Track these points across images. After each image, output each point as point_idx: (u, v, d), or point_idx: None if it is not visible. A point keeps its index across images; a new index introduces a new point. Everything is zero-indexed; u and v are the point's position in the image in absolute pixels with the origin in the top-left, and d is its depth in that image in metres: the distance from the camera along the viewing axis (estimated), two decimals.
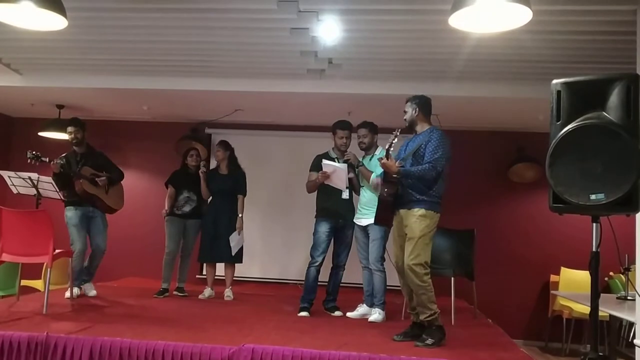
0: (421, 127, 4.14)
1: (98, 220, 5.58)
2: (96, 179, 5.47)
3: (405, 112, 4.18)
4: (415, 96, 4.19)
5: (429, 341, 3.83)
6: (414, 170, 3.95)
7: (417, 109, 4.12)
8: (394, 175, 3.97)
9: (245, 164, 6.34)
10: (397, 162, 4.01)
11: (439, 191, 3.98)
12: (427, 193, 3.94)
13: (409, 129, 4.22)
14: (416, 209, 3.93)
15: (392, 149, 4.01)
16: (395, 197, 4.03)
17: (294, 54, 5.18)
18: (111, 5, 4.31)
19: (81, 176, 5.37)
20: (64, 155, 5.57)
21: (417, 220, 3.91)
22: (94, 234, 5.57)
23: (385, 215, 4.14)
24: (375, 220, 4.34)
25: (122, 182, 5.84)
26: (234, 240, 5.82)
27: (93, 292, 5.62)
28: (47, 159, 5.24)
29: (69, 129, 5.58)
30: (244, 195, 5.97)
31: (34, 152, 5.23)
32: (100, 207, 5.57)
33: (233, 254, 5.83)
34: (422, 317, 3.93)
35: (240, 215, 5.88)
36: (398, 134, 4.05)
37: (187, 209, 6.03)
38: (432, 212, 3.94)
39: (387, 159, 3.97)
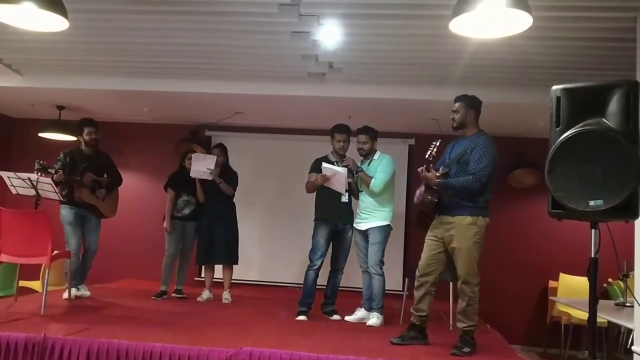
0: (469, 130, 4.01)
1: (92, 220, 5.59)
2: (96, 188, 5.49)
3: (455, 112, 4.01)
4: (467, 96, 4.03)
5: (466, 349, 3.81)
6: (455, 182, 3.86)
7: (472, 112, 3.99)
8: (434, 187, 3.91)
9: (245, 166, 6.33)
10: (441, 168, 3.95)
11: (485, 196, 3.89)
12: (474, 199, 3.85)
13: (456, 129, 4.06)
14: (463, 216, 3.84)
15: (431, 159, 3.88)
16: (437, 203, 3.93)
17: (295, 58, 5.19)
18: (112, 7, 4.31)
19: (82, 184, 5.37)
20: (69, 151, 5.54)
21: (465, 229, 3.83)
22: (88, 233, 5.56)
23: (426, 219, 4.06)
24: (416, 224, 4.25)
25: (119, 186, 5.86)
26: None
27: (87, 293, 5.63)
28: (54, 171, 5.19)
29: (87, 129, 5.53)
30: (235, 188, 5.95)
31: (41, 163, 5.18)
32: (94, 213, 5.58)
33: (209, 172, 5.70)
34: (460, 326, 3.90)
35: (220, 181, 5.79)
36: (437, 144, 3.91)
37: (186, 211, 6.02)
38: (480, 218, 3.86)
39: (428, 171, 3.86)
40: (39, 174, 5.16)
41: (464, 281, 3.86)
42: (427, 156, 3.90)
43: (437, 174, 3.89)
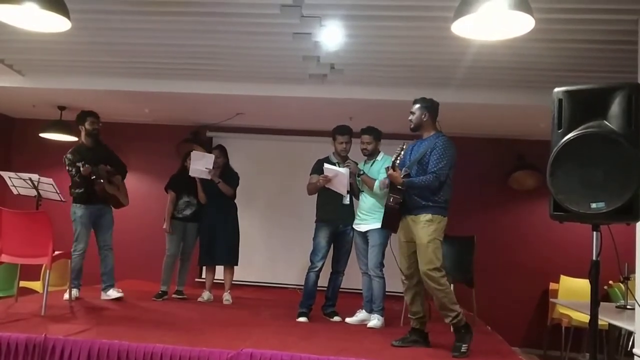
0: (427, 133, 4.11)
1: (108, 216, 5.51)
2: (112, 177, 5.43)
3: (412, 113, 4.12)
4: (425, 99, 4.13)
5: (464, 347, 3.79)
6: (418, 181, 3.94)
7: (427, 114, 4.08)
8: (399, 187, 3.98)
9: (246, 167, 6.32)
10: (402, 170, 4.01)
11: (444, 196, 3.97)
12: (433, 199, 3.93)
13: (413, 130, 4.16)
14: (422, 215, 3.93)
15: (398, 160, 3.98)
16: (401, 204, 4.01)
17: (296, 59, 5.19)
18: (114, 7, 4.31)
19: (101, 176, 5.29)
20: (74, 149, 5.45)
21: (424, 226, 3.90)
22: (104, 229, 5.47)
23: (392, 221, 4.13)
24: (382, 226, 4.33)
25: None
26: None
27: (117, 294, 5.47)
28: (81, 164, 5.14)
29: (90, 119, 5.46)
30: (234, 188, 5.95)
31: (69, 157, 5.22)
32: (113, 204, 5.49)
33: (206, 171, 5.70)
34: (447, 321, 3.91)
35: (219, 181, 5.80)
36: (404, 147, 4.02)
37: (187, 212, 6.02)
38: (439, 217, 3.93)
39: (394, 170, 3.96)
40: (69, 169, 5.19)
41: (426, 276, 3.85)
42: (393, 158, 4.02)
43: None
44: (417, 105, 4.12)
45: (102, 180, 5.27)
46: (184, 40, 4.93)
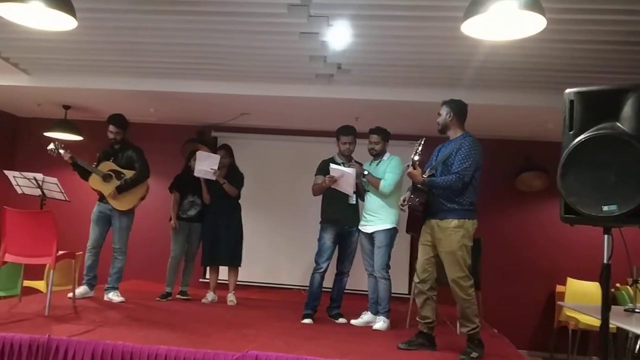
0: (454, 133, 4.05)
1: (115, 218, 5.48)
2: (112, 177, 5.43)
3: (439, 114, 4.09)
4: (452, 100, 4.10)
5: (474, 354, 3.76)
6: (440, 181, 3.88)
7: (452, 114, 4.03)
8: (419, 186, 3.92)
9: (251, 168, 6.28)
10: (427, 170, 3.96)
11: (470, 198, 3.90)
12: (458, 202, 3.87)
13: (441, 132, 4.12)
14: (449, 220, 3.85)
15: (417, 157, 3.90)
16: (425, 206, 3.95)
17: (303, 59, 5.16)
18: (120, 6, 4.29)
19: (93, 170, 5.39)
20: (104, 148, 5.62)
21: (452, 232, 3.83)
22: (113, 230, 5.51)
23: (416, 224, 4.07)
24: (406, 230, 4.27)
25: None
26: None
27: (117, 299, 5.43)
28: (63, 152, 5.30)
29: (109, 127, 5.49)
30: (239, 189, 5.92)
31: (56, 144, 5.33)
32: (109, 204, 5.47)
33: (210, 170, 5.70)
34: (464, 330, 3.88)
35: (224, 182, 5.77)
36: (423, 142, 3.95)
37: (192, 212, 6.00)
38: (467, 221, 3.87)
39: (414, 168, 3.90)
40: (52, 153, 5.33)
41: (455, 284, 3.83)
42: (412, 155, 3.94)
43: (424, 175, 3.93)
44: (443, 106, 4.09)
45: (90, 175, 5.42)
46: (190, 40, 4.90)
